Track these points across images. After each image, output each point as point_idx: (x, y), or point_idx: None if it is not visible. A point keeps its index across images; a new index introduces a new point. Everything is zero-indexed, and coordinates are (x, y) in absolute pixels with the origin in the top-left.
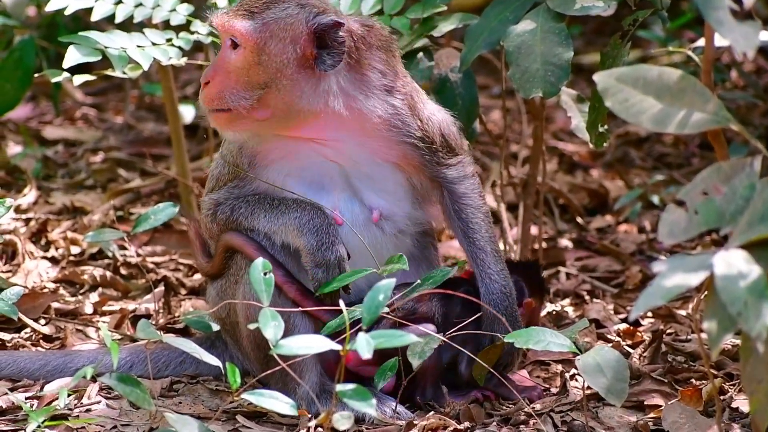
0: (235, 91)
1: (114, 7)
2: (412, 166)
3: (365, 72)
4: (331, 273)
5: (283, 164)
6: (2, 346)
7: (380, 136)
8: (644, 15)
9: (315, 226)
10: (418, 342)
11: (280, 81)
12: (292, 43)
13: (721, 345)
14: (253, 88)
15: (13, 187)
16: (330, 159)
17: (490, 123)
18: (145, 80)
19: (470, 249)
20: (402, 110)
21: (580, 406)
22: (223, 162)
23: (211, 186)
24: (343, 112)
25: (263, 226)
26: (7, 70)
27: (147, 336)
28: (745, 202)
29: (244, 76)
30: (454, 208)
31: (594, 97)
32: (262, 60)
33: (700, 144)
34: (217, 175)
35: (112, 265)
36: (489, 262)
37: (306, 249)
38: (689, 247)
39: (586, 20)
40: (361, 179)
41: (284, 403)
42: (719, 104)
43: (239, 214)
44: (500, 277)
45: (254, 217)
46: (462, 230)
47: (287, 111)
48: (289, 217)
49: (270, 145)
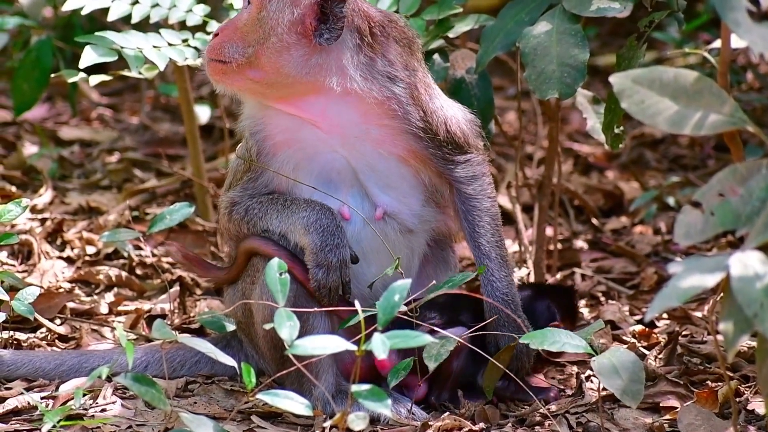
0: (233, 45)
1: (130, 8)
2: (418, 159)
3: (374, 58)
4: (332, 275)
5: (291, 154)
6: (18, 345)
7: (382, 124)
8: (660, 17)
9: (321, 226)
10: (435, 344)
11: (270, 39)
12: (292, 5)
13: (737, 347)
14: (248, 43)
15: (30, 187)
16: (337, 150)
17: (505, 124)
18: (161, 81)
19: (475, 253)
20: (402, 97)
21: (595, 407)
22: (238, 156)
23: (228, 182)
24: (336, 89)
25: (276, 227)
26: (24, 71)
27: (162, 336)
28: (761, 203)
29: (244, 31)
30: (462, 209)
31: (610, 99)
32: (261, 16)
33: (716, 146)
34: (234, 169)
35: (128, 265)
36: (492, 268)
37: (310, 248)
38: (705, 248)
39: (601, 21)
40: (367, 174)
41: (299, 404)
42: (735, 106)
43: (253, 214)
44: (503, 284)
45: (268, 218)
46: (469, 233)
47: (277, 75)
48: (297, 216)
49: (273, 123)
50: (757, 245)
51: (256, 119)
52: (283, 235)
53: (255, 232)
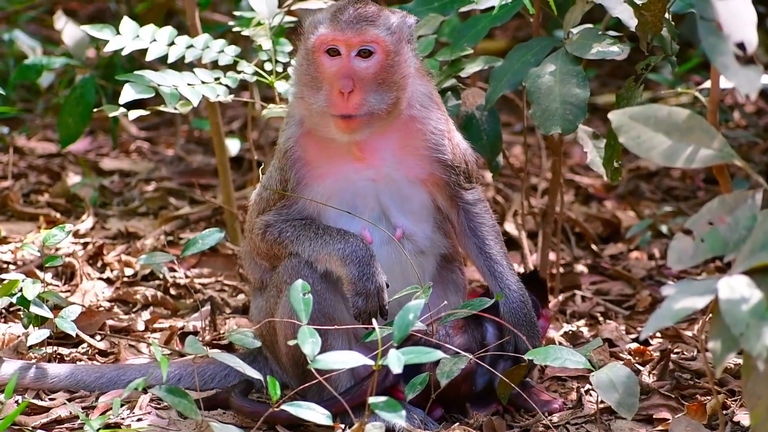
0: (377, 96)
1: (167, 49)
2: (437, 185)
3: (429, 87)
4: (371, 301)
5: (327, 185)
6: (61, 359)
7: (418, 154)
8: (656, 60)
9: (358, 257)
10: (447, 361)
11: (406, 80)
12: (407, 41)
13: (725, 363)
14: (390, 90)
15: (73, 214)
16: (369, 179)
17: (512, 157)
18: (195, 116)
19: (487, 263)
20: (442, 127)
21: (593, 419)
22: (269, 185)
23: (261, 208)
24: (404, 116)
25: (307, 253)
26: (69, 106)
27: (194, 351)
28: (748, 231)
29: (382, 79)
30: (470, 226)
31: (610, 136)
32: (395, 62)
33: (706, 178)
34: (266, 197)
35: (163, 286)
36: (506, 274)
37: (348, 279)
38: (695, 272)
39: (601, 63)
40: (392, 197)
41: (321, 414)
42: (724, 141)
43: (286, 237)
44: (517, 287)
45: (299, 243)
46: (478, 246)
47: (401, 109)
48: (333, 248)
49: (314, 149)
50: (743, 270)
51: (298, 142)
52: (313, 261)
53: (284, 254)
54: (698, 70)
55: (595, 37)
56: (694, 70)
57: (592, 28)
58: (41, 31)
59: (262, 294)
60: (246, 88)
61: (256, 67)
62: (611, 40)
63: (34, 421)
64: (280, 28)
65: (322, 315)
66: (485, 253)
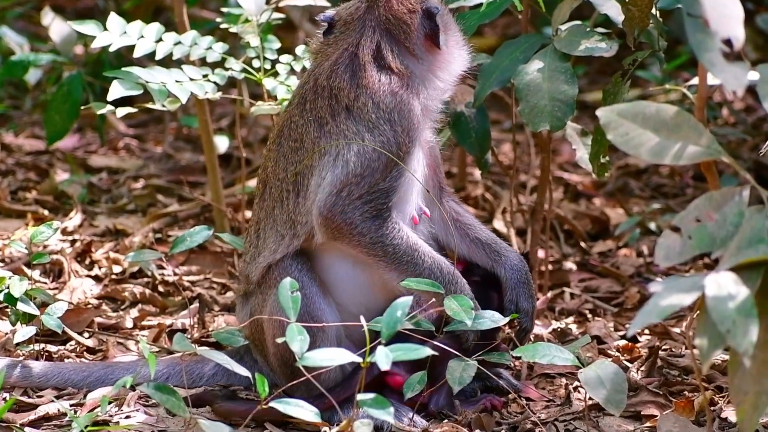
0: None
1: (154, 45)
2: (432, 169)
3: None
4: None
5: (419, 155)
6: (49, 357)
7: (433, 144)
8: (643, 56)
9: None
10: (457, 366)
11: None
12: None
13: (712, 360)
14: None
15: (61, 211)
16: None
17: (501, 155)
18: (183, 113)
19: (480, 234)
20: None
21: (582, 415)
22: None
23: (363, 190)
24: None
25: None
26: (57, 103)
27: (182, 349)
28: (735, 228)
29: None
30: (457, 210)
31: (597, 131)
32: None
33: (694, 175)
34: (376, 169)
35: (151, 284)
36: (499, 240)
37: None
38: (683, 269)
39: (589, 60)
40: (423, 184)
41: (309, 411)
42: (712, 138)
43: (409, 245)
44: (514, 254)
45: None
46: (466, 224)
47: None
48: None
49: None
50: (730, 267)
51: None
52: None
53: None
54: (687, 66)
55: (584, 34)
56: (683, 66)
57: (581, 25)
58: (28, 28)
59: (248, 301)
60: (234, 85)
61: (245, 64)
62: (600, 37)
63: (22, 418)
64: (268, 25)
65: (310, 318)
66: (476, 228)
